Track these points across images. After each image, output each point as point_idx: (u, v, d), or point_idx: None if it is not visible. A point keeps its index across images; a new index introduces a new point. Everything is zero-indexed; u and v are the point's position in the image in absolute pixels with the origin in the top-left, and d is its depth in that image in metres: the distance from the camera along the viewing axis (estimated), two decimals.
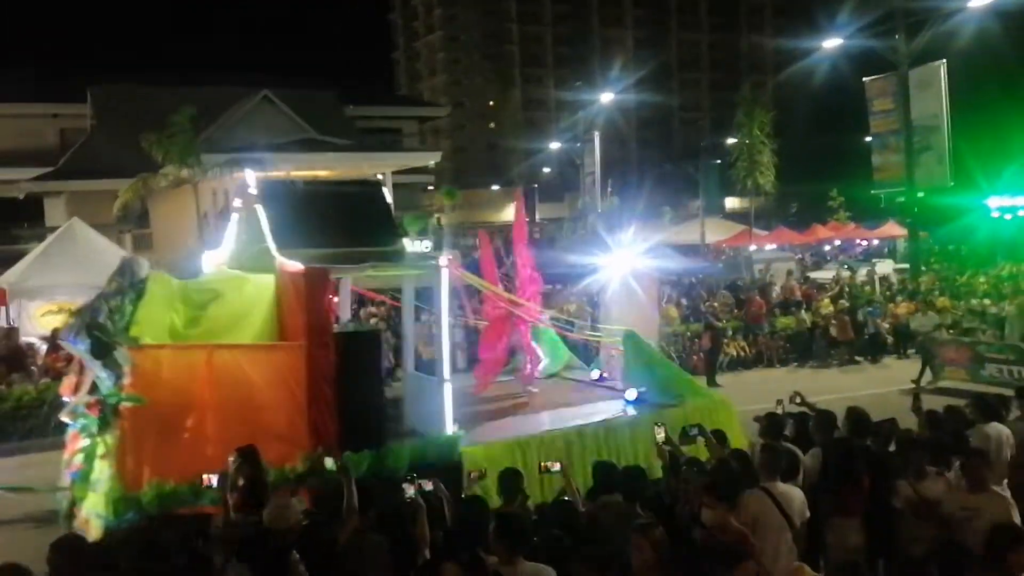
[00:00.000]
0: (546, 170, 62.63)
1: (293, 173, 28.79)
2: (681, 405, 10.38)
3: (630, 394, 10.80)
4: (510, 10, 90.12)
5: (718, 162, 33.13)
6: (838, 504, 6.07)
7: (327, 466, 6.54)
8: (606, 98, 41.96)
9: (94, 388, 7.94)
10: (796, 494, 5.85)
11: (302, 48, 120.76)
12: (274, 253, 8.75)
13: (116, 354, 7.57)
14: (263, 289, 8.85)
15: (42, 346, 15.88)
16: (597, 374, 12.63)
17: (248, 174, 9.71)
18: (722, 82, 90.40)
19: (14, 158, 31.46)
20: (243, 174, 9.90)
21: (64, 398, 8.44)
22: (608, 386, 12.06)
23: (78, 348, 7.92)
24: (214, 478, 6.30)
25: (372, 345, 9.07)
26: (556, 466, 6.95)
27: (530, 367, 12.04)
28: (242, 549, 5.07)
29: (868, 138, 36.81)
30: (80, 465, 7.92)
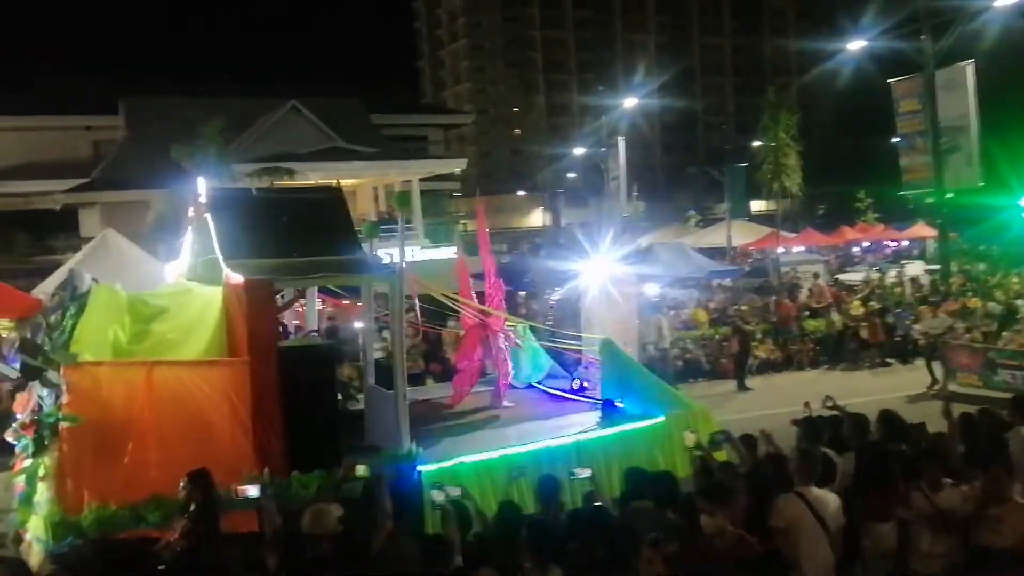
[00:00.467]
0: (571, 175, 62.57)
1: (320, 182, 29.24)
2: (662, 417, 9.92)
3: (604, 406, 10.43)
4: (533, 17, 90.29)
5: (744, 165, 32.93)
6: (872, 509, 6.01)
7: (359, 473, 6.47)
8: (630, 103, 41.91)
9: (40, 407, 7.52)
10: (831, 499, 5.80)
11: (329, 58, 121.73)
12: (221, 264, 8.29)
13: (48, 374, 7.24)
14: (212, 302, 8.42)
15: None
16: (577, 384, 12.25)
17: (199, 182, 9.23)
18: (746, 85, 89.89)
19: (49, 170, 32.00)
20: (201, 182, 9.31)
21: (17, 415, 7.94)
22: (587, 397, 11.65)
23: (13, 366, 7.62)
24: (250, 489, 6.22)
25: (325, 359, 8.55)
26: (586, 472, 6.93)
27: (500, 380, 11.48)
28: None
29: (895, 139, 36.52)
30: (23, 487, 7.51)
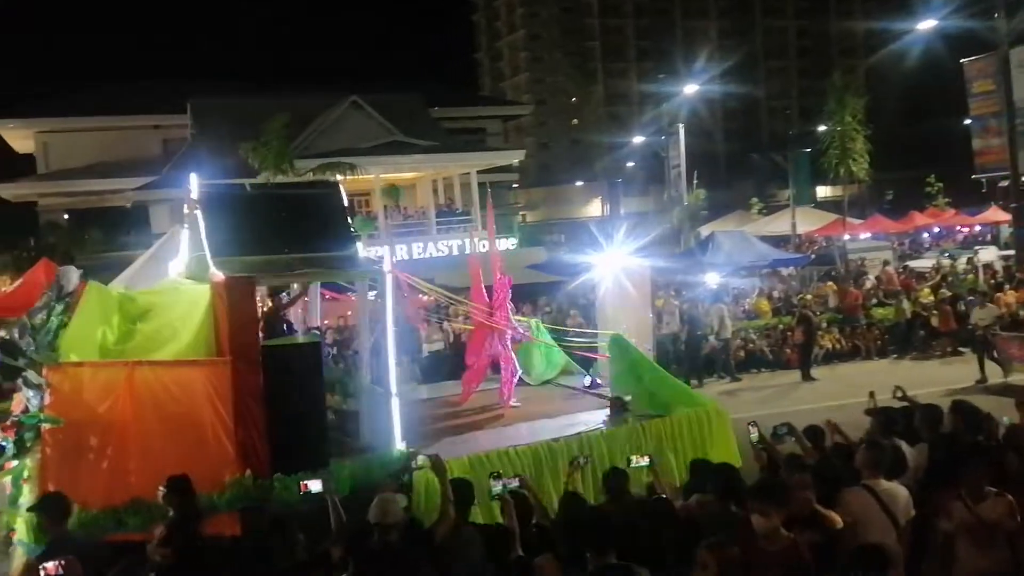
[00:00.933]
0: (630, 164, 62.04)
1: (382, 176, 29.58)
2: (668, 415, 9.89)
3: (612, 402, 10.39)
4: (591, 5, 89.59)
5: (808, 150, 32.23)
6: (942, 502, 5.74)
7: (419, 463, 6.33)
8: (690, 90, 41.27)
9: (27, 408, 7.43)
10: (901, 492, 5.62)
11: (388, 53, 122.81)
12: (208, 261, 8.18)
13: (28, 375, 7.17)
14: (199, 300, 8.21)
15: None
16: (589, 381, 12.28)
17: (191, 179, 9.12)
18: (811, 69, 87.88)
19: (121, 168, 33.00)
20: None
21: (13, 416, 7.82)
22: (598, 394, 11.66)
23: None
24: (313, 483, 6.09)
25: (310, 358, 8.33)
26: (644, 460, 6.85)
27: (505, 378, 11.42)
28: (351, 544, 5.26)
29: (967, 121, 35.39)
30: (10, 488, 7.42)
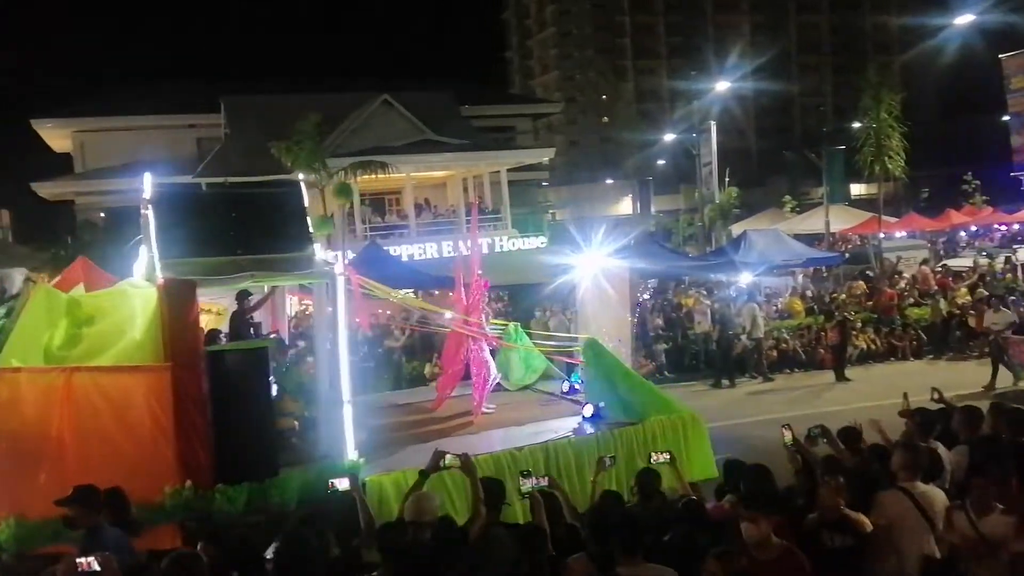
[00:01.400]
0: (660, 162, 61.70)
1: (413, 174, 29.71)
2: (641, 423, 9.65)
3: (587, 410, 10.16)
4: (622, 2, 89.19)
5: (842, 148, 31.85)
6: (977, 504, 5.57)
7: (446, 462, 6.24)
8: (722, 86, 41.00)
9: None
10: (938, 495, 5.54)
11: (418, 51, 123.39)
12: (155, 264, 7.98)
13: None
14: (147, 304, 7.88)
15: None
16: (567, 386, 12.06)
17: (144, 178, 8.83)
18: (845, 65, 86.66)
19: (156, 167, 33.37)
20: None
21: None
22: (575, 399, 11.44)
23: None
24: (341, 481, 5.96)
25: (256, 363, 8.00)
26: (665, 456, 6.80)
27: (476, 384, 11.13)
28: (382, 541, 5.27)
29: (1005, 117, 34.76)
30: None
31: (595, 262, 12.45)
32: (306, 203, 9.35)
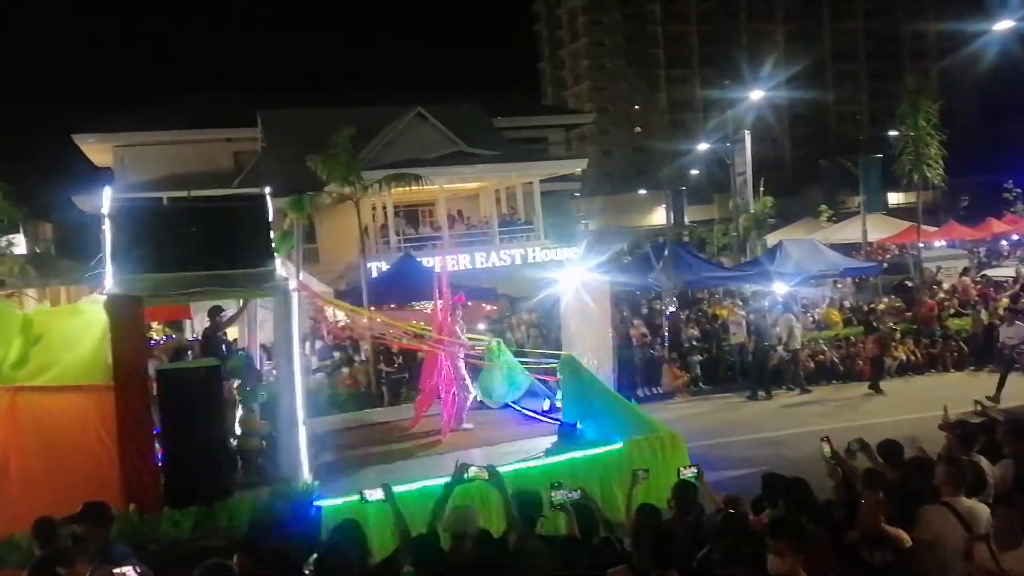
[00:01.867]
0: (694, 172, 61.41)
1: (446, 186, 29.86)
2: (616, 442, 9.40)
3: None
4: (654, 12, 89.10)
5: (879, 156, 31.45)
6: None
7: (471, 474, 6.04)
8: (756, 95, 40.67)
9: None
10: (982, 510, 5.40)
11: (451, 63, 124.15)
12: (106, 280, 7.86)
13: None
14: (97, 321, 7.76)
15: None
16: (548, 404, 11.93)
17: (104, 192, 8.71)
18: (881, 72, 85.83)
19: (194, 181, 33.94)
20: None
21: None
22: (554, 418, 11.32)
23: None
24: (372, 493, 5.82)
25: (207, 382, 7.84)
26: (692, 471, 6.74)
27: (446, 401, 10.99)
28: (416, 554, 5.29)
29: None
30: None
31: (576, 276, 12.52)
32: (270, 218, 9.26)
